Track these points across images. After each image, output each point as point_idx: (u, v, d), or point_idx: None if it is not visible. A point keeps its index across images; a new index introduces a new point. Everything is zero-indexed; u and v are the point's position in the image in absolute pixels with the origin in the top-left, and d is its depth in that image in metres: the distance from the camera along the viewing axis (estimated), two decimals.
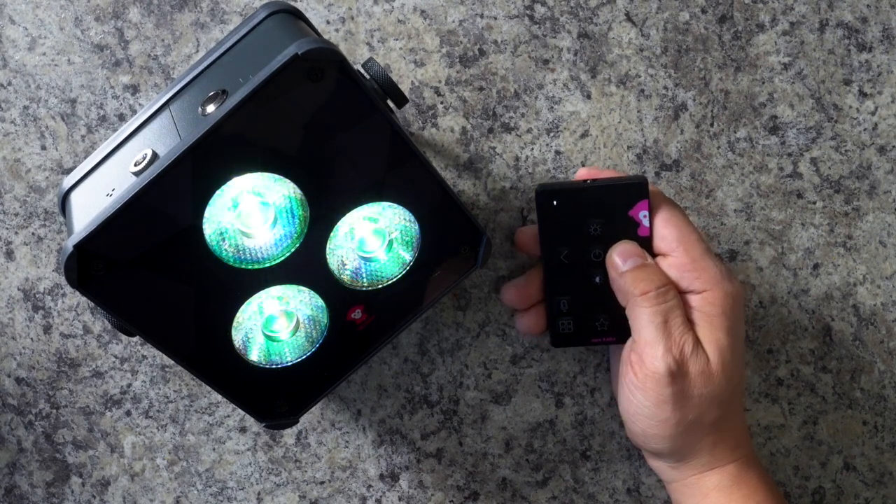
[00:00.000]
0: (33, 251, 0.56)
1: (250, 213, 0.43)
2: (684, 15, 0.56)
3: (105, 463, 0.58)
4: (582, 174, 0.52)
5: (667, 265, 0.49)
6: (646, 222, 0.49)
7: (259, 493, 0.58)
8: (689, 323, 0.48)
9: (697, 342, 0.48)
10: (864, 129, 0.57)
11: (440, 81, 0.55)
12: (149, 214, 0.40)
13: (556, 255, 0.51)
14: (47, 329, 0.57)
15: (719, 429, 0.49)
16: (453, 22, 0.55)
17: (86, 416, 0.58)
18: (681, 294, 0.49)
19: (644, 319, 0.47)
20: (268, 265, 0.44)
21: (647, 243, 0.50)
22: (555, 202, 0.50)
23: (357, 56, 0.55)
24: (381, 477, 0.59)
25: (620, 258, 0.49)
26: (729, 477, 0.49)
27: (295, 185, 0.42)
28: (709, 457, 0.49)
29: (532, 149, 0.56)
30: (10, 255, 0.56)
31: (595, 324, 0.52)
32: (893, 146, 0.57)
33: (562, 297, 0.52)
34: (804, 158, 0.57)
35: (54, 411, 0.58)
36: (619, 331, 0.52)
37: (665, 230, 0.49)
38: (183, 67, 0.55)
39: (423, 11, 0.55)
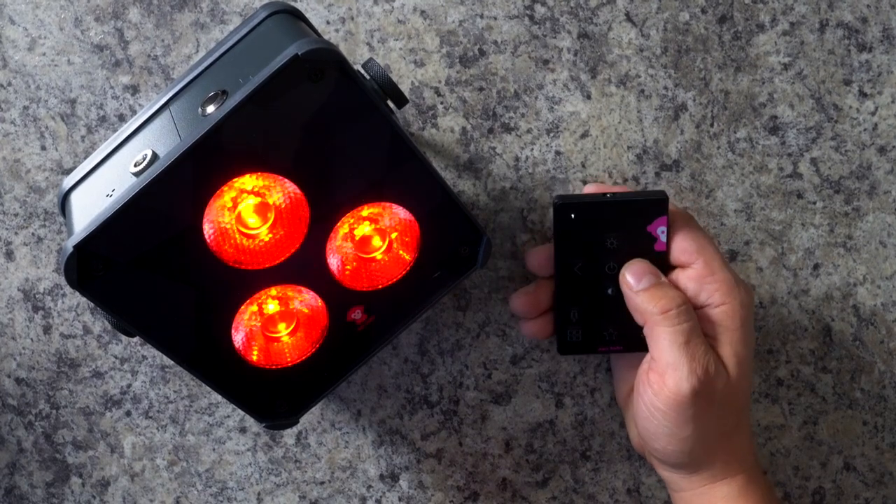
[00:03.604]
0: (33, 251, 0.56)
1: (250, 213, 0.43)
2: (684, 15, 0.56)
3: (105, 463, 0.58)
4: (589, 190, 0.52)
5: (686, 277, 0.49)
6: (663, 238, 0.50)
7: (259, 494, 0.58)
8: (708, 337, 0.48)
9: (718, 358, 0.48)
10: (864, 129, 0.57)
11: (440, 81, 0.55)
12: (149, 215, 0.40)
13: (570, 267, 0.51)
14: (47, 329, 0.57)
15: (733, 437, 0.49)
16: (453, 22, 0.55)
17: (86, 416, 0.58)
18: (699, 307, 0.49)
19: (666, 340, 0.47)
20: (268, 265, 0.44)
21: (662, 258, 0.50)
22: (573, 215, 0.50)
23: (357, 56, 0.55)
24: (381, 477, 0.59)
25: (634, 277, 0.49)
26: (737, 488, 0.49)
27: (295, 185, 0.42)
28: (722, 466, 0.49)
29: (532, 149, 0.56)
30: (10, 255, 0.56)
31: (604, 333, 0.52)
32: (893, 146, 0.57)
33: (573, 308, 0.52)
34: (804, 158, 0.57)
35: (54, 411, 0.58)
36: (627, 340, 0.52)
37: (685, 242, 0.49)
38: (183, 67, 0.55)
39: (423, 11, 0.55)
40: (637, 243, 0.50)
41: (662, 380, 0.47)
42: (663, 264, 0.50)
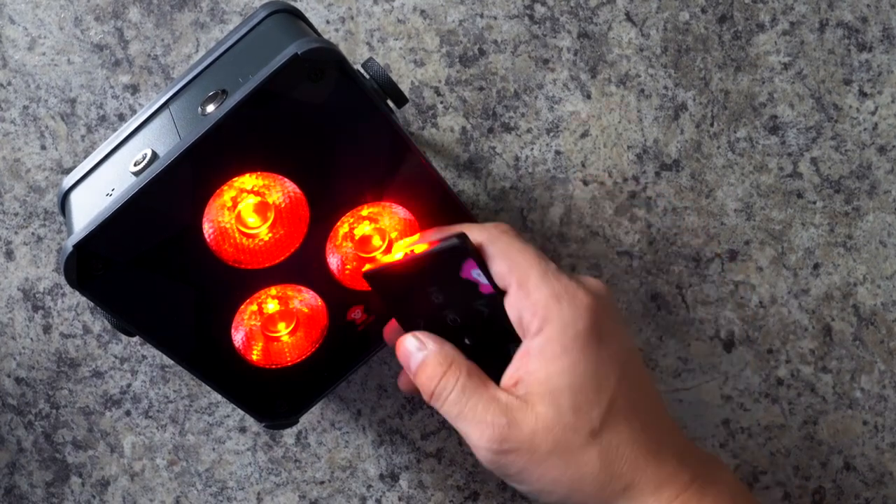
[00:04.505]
0: (33, 251, 0.56)
1: (250, 213, 0.43)
2: (684, 15, 0.56)
3: (105, 463, 0.58)
4: (399, 250, 0.46)
5: (508, 306, 0.42)
6: (483, 279, 0.42)
7: (259, 493, 0.58)
8: (529, 373, 0.41)
9: (524, 404, 0.41)
10: (864, 129, 0.57)
11: (440, 81, 0.55)
12: (149, 214, 0.40)
13: (416, 328, 0.46)
14: (47, 329, 0.57)
15: (624, 470, 0.41)
16: (453, 22, 0.55)
17: (86, 416, 0.58)
18: (525, 338, 0.42)
19: (450, 418, 0.42)
20: (267, 265, 0.44)
21: (495, 299, 0.43)
22: (381, 283, 0.46)
23: (357, 56, 0.55)
24: (381, 477, 0.59)
25: (402, 363, 0.45)
26: None
27: (295, 185, 0.42)
28: (639, 495, 0.41)
29: (532, 149, 0.56)
30: (10, 255, 0.56)
31: None
32: (893, 146, 0.57)
33: None
34: (804, 158, 0.57)
35: (54, 411, 0.58)
36: None
37: (496, 267, 0.42)
38: (183, 67, 0.55)
39: (423, 11, 0.55)
40: (461, 292, 0.43)
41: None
42: (499, 303, 0.43)
